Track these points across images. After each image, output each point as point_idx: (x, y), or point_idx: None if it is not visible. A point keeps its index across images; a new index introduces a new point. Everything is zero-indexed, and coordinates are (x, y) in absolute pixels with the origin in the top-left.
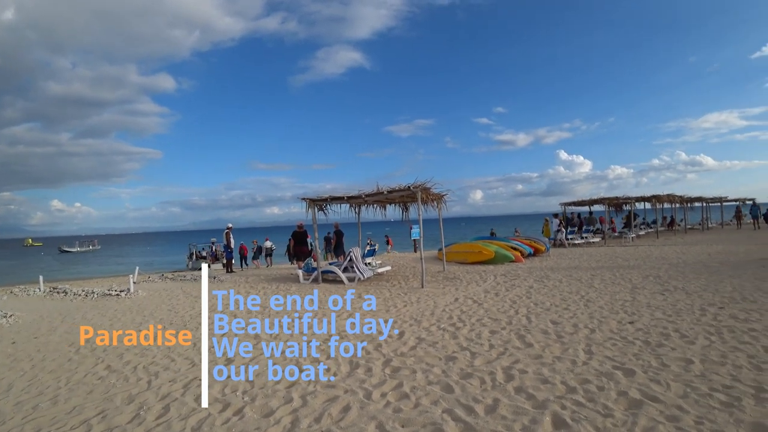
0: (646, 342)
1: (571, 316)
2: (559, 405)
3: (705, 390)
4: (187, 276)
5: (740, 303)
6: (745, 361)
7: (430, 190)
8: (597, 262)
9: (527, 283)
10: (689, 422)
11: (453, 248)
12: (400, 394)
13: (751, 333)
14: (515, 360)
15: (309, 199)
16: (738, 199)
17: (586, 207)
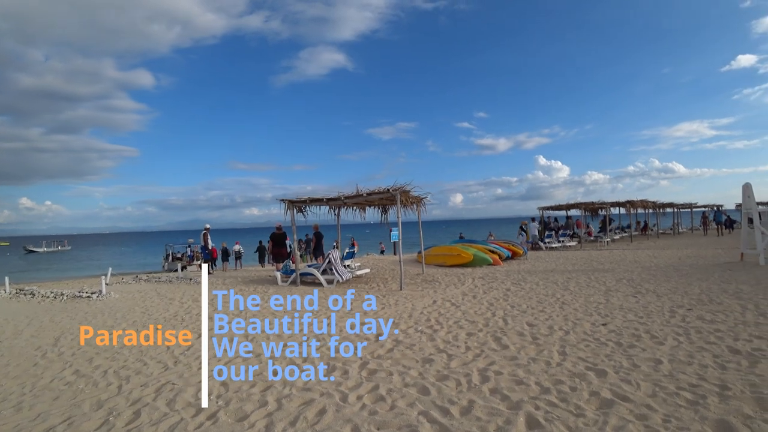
0: (618, 343)
1: (546, 318)
2: (533, 405)
3: (673, 389)
4: (162, 278)
5: (707, 305)
6: (711, 361)
7: (410, 193)
8: (573, 266)
9: (505, 285)
10: (657, 420)
11: (432, 251)
12: (376, 397)
13: (717, 333)
14: (491, 362)
15: (288, 201)
16: (707, 205)
17: (563, 211)
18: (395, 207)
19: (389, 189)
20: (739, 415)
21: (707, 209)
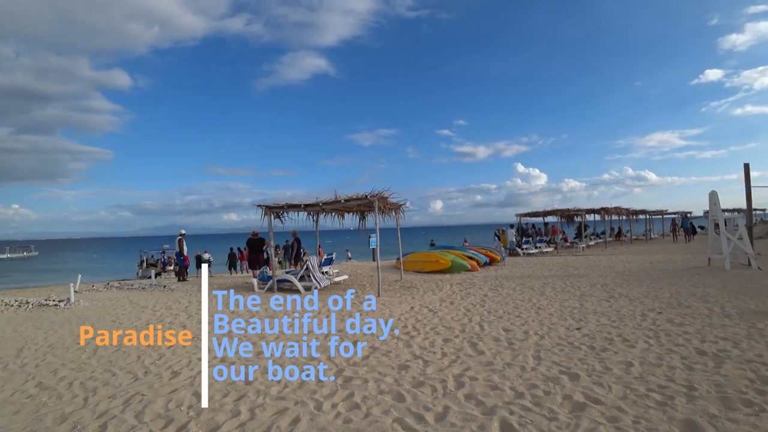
0: (592, 347)
1: (522, 324)
2: (507, 410)
3: (643, 391)
4: (135, 285)
5: (676, 308)
6: (679, 362)
7: (388, 200)
8: (549, 271)
9: (482, 291)
10: (627, 422)
11: (411, 257)
12: (351, 405)
13: (685, 336)
14: (467, 367)
15: (265, 206)
16: (677, 212)
17: (540, 218)
18: (374, 213)
19: (367, 195)
20: (705, 415)
21: (677, 216)
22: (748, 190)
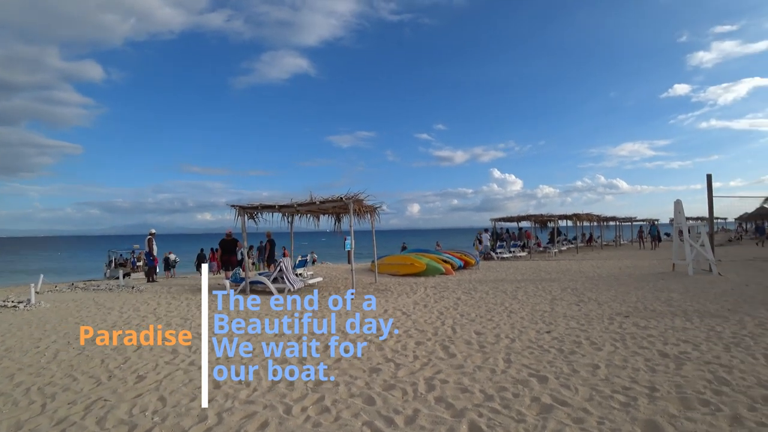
0: (560, 350)
1: (494, 327)
2: (477, 413)
3: (608, 392)
4: (102, 285)
5: (642, 312)
6: (643, 364)
7: (363, 202)
8: (522, 275)
9: (455, 295)
10: (592, 423)
11: (386, 260)
12: (321, 408)
13: (649, 338)
14: (438, 370)
15: (239, 207)
16: (645, 219)
17: (514, 223)
18: (349, 216)
19: (342, 197)
20: (665, 415)
21: (644, 223)
22: (710, 199)
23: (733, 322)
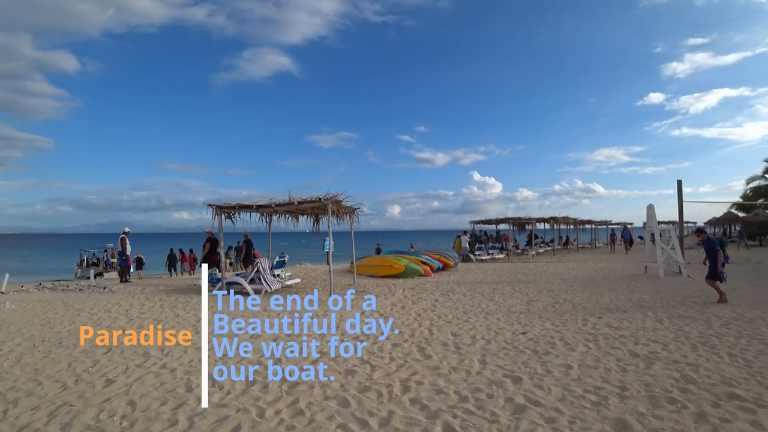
0: (535, 351)
1: (470, 328)
2: (451, 414)
3: (580, 392)
4: (72, 286)
5: (615, 313)
6: (614, 364)
7: (342, 203)
8: (500, 277)
9: (433, 296)
10: (564, 422)
11: (365, 262)
12: (295, 411)
13: (621, 339)
14: (413, 372)
15: (216, 206)
16: (619, 223)
17: (493, 225)
18: (327, 216)
19: (321, 198)
20: (634, 413)
21: (616, 227)
22: (680, 204)
23: (701, 322)
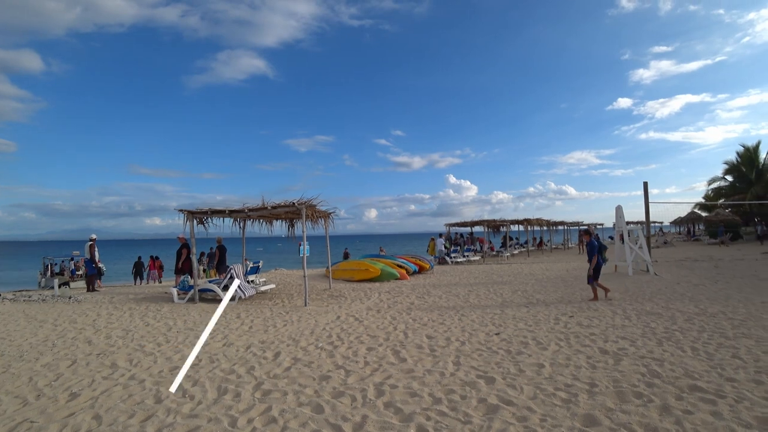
0: (508, 351)
1: (445, 330)
2: (425, 416)
3: (551, 390)
4: (34, 296)
5: (586, 311)
6: (584, 362)
7: (316, 208)
8: (475, 279)
9: (409, 299)
10: (535, 420)
11: (341, 266)
12: (268, 419)
13: (591, 337)
14: (388, 375)
15: (187, 211)
16: (591, 223)
17: (468, 228)
18: (302, 221)
19: (295, 203)
20: (602, 409)
21: (583, 228)
22: (647, 205)
23: (666, 318)
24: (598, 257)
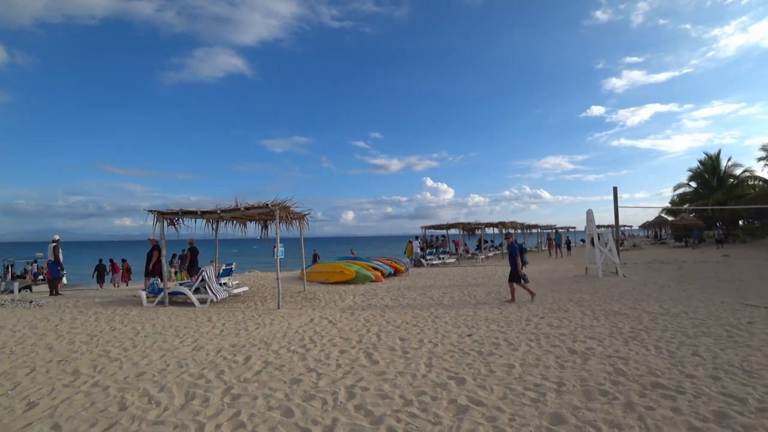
0: (480, 352)
1: (418, 332)
2: (395, 418)
3: (520, 390)
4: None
5: (556, 312)
6: (553, 361)
7: (290, 209)
8: (450, 281)
9: (383, 302)
10: (504, 420)
11: (316, 268)
12: (237, 424)
13: (561, 337)
14: (360, 378)
15: (158, 212)
16: (564, 227)
17: (444, 230)
18: (275, 223)
19: (268, 204)
20: (569, 407)
21: (550, 231)
22: (616, 209)
23: (632, 318)
24: (521, 258)
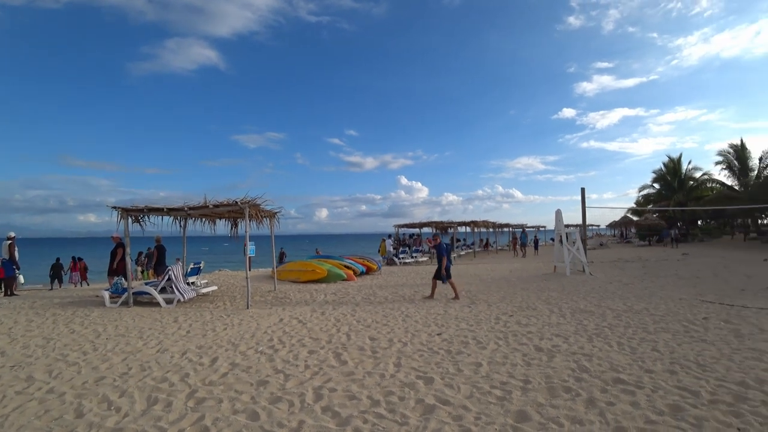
0: (449, 351)
1: (389, 332)
2: (362, 419)
3: (487, 388)
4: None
5: (525, 311)
6: (520, 359)
7: (260, 207)
8: (422, 280)
9: (354, 301)
10: (470, 419)
11: (287, 267)
12: (200, 428)
13: (528, 335)
14: (328, 379)
15: (122, 209)
16: (534, 226)
17: (417, 229)
18: (245, 221)
19: (238, 201)
20: (534, 404)
21: (517, 230)
22: (584, 209)
23: (597, 315)
24: (447, 258)
